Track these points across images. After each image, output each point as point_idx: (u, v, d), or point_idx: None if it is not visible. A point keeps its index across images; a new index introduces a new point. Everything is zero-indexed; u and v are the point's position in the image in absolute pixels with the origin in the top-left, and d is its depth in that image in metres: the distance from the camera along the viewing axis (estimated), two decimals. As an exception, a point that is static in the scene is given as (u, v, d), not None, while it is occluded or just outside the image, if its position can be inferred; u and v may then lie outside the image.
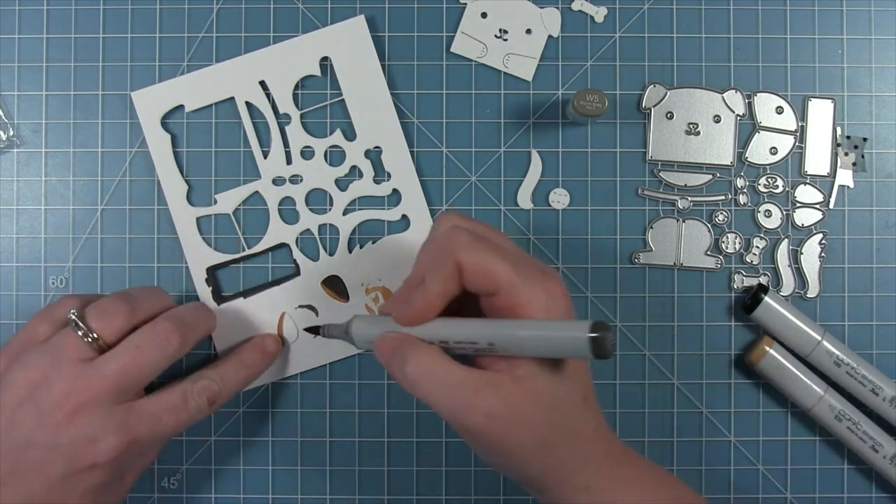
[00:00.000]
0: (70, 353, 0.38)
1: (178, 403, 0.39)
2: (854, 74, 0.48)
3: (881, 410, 0.45)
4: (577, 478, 0.35)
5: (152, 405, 0.39)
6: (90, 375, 0.37)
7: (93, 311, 0.39)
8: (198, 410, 0.40)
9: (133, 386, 0.38)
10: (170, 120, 0.47)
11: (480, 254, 0.33)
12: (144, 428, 0.38)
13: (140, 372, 0.38)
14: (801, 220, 0.47)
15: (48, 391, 0.37)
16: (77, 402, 0.37)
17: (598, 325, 0.30)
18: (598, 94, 0.44)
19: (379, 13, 0.47)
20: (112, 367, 0.38)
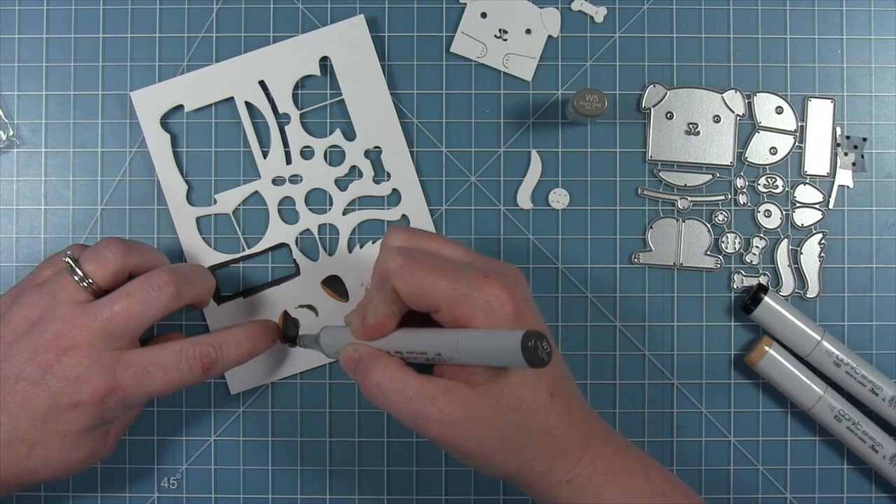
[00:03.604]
0: (66, 294, 0.38)
1: (170, 362, 0.39)
2: (854, 74, 0.48)
3: (881, 410, 0.45)
4: (555, 472, 0.35)
5: (144, 357, 0.39)
6: (83, 318, 0.38)
7: (88, 254, 0.40)
8: (189, 374, 0.39)
9: (124, 332, 0.38)
10: (169, 120, 0.47)
11: (413, 278, 0.34)
12: (131, 378, 0.38)
13: (131, 319, 0.38)
14: (801, 220, 0.47)
15: (43, 329, 0.38)
16: (68, 343, 0.37)
17: (529, 335, 0.30)
18: (597, 94, 0.44)
19: (379, 13, 0.47)
20: (105, 311, 0.38)
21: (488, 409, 0.34)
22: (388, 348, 0.36)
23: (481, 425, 0.34)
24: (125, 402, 0.39)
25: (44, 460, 0.38)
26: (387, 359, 0.36)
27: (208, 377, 0.40)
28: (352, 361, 0.37)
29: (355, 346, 0.37)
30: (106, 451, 0.41)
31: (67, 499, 0.47)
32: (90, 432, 0.39)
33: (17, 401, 0.37)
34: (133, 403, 0.39)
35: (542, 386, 0.35)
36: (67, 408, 0.37)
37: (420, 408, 0.34)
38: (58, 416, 0.37)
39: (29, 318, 0.38)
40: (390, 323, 0.36)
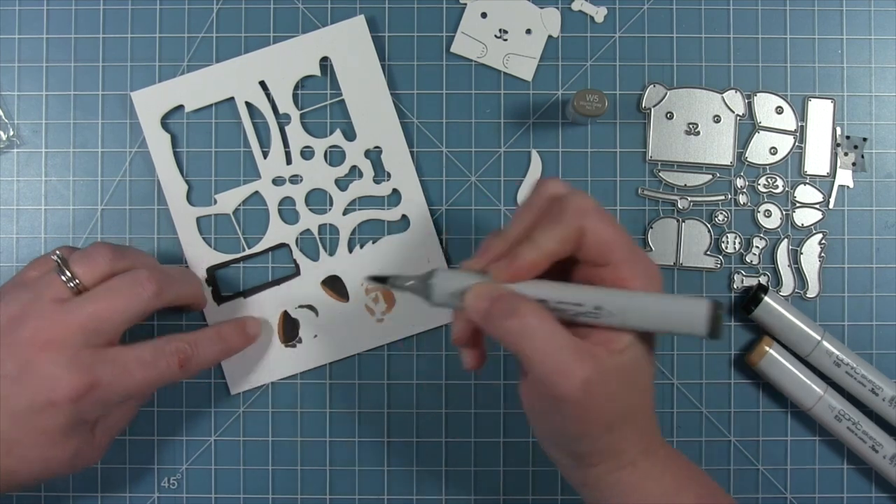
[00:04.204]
0: (50, 293, 0.38)
1: (147, 358, 0.39)
2: (854, 74, 0.48)
3: (881, 410, 0.45)
4: (627, 454, 0.35)
5: (121, 354, 0.39)
6: (63, 315, 0.38)
7: (77, 256, 0.40)
8: (167, 369, 0.39)
9: (104, 329, 0.38)
10: (169, 120, 0.47)
11: (605, 224, 0.34)
12: (109, 374, 0.38)
13: (111, 316, 0.38)
14: (801, 220, 0.47)
15: (23, 326, 0.37)
16: (46, 339, 0.37)
17: (717, 305, 0.32)
18: (598, 94, 0.44)
19: (379, 13, 0.47)
20: (85, 308, 0.38)
21: (619, 381, 0.33)
22: (532, 294, 0.34)
23: (610, 395, 0.33)
24: (103, 400, 0.38)
25: (23, 460, 0.37)
26: (536, 303, 0.33)
27: (186, 374, 0.41)
28: (485, 301, 0.33)
29: (491, 285, 0.34)
30: (93, 454, 0.40)
31: (68, 499, 0.47)
32: (70, 432, 0.38)
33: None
34: (112, 402, 0.39)
35: (652, 369, 0.35)
36: (44, 405, 0.37)
37: (566, 362, 0.32)
38: (35, 414, 0.37)
39: (11, 316, 0.38)
40: (546, 264, 0.34)
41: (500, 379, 0.47)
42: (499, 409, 0.47)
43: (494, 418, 0.47)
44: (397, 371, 0.47)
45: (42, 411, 0.37)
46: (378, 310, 0.47)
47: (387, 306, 0.47)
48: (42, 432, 0.37)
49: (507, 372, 0.47)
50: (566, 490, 0.47)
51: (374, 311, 0.47)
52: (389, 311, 0.47)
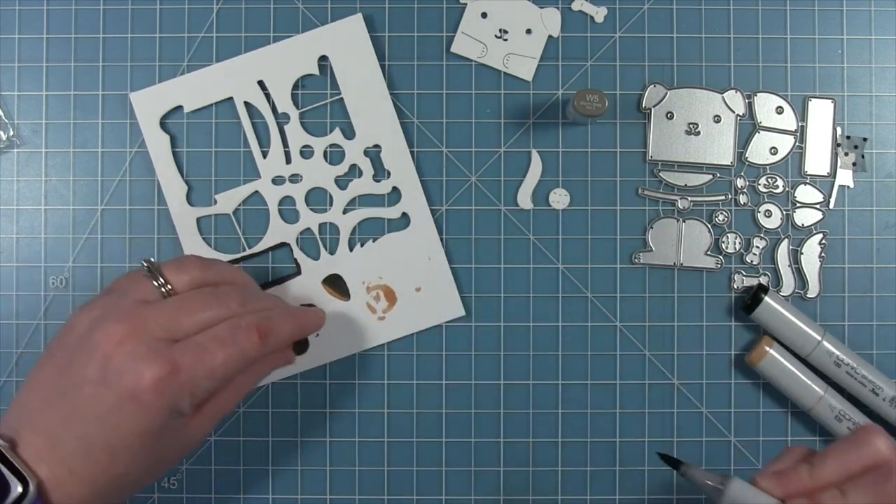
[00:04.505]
0: (136, 294, 0.38)
1: (224, 335, 0.37)
2: (854, 74, 0.48)
3: (881, 410, 0.45)
4: None
5: (198, 337, 0.37)
6: (144, 310, 0.37)
7: (167, 263, 0.39)
8: (248, 343, 0.37)
9: (185, 328, 0.37)
10: (169, 120, 0.47)
11: None
12: (188, 358, 0.36)
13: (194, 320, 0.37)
14: (801, 220, 0.47)
15: (103, 325, 0.36)
16: (124, 332, 0.36)
17: None
18: (598, 94, 0.44)
19: (379, 13, 0.47)
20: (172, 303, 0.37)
21: None
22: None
23: None
24: (189, 385, 0.36)
25: (129, 463, 0.36)
26: None
27: (267, 348, 0.38)
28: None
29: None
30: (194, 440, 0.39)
31: (67, 499, 0.47)
32: (164, 423, 0.36)
33: (85, 407, 0.35)
34: (199, 385, 0.36)
35: None
36: (129, 400, 0.35)
37: None
38: (124, 412, 0.35)
39: (92, 318, 0.37)
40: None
41: (499, 379, 0.47)
42: (499, 410, 0.47)
43: (494, 418, 0.47)
44: (397, 371, 0.47)
45: (130, 409, 0.35)
46: (379, 308, 0.47)
47: (388, 304, 0.47)
48: (136, 430, 0.35)
49: (506, 372, 0.47)
50: (566, 490, 0.47)
51: (375, 309, 0.47)
52: (391, 310, 0.47)
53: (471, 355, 0.47)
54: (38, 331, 0.47)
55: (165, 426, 0.36)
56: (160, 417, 0.36)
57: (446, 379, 0.47)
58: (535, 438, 0.47)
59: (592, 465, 0.47)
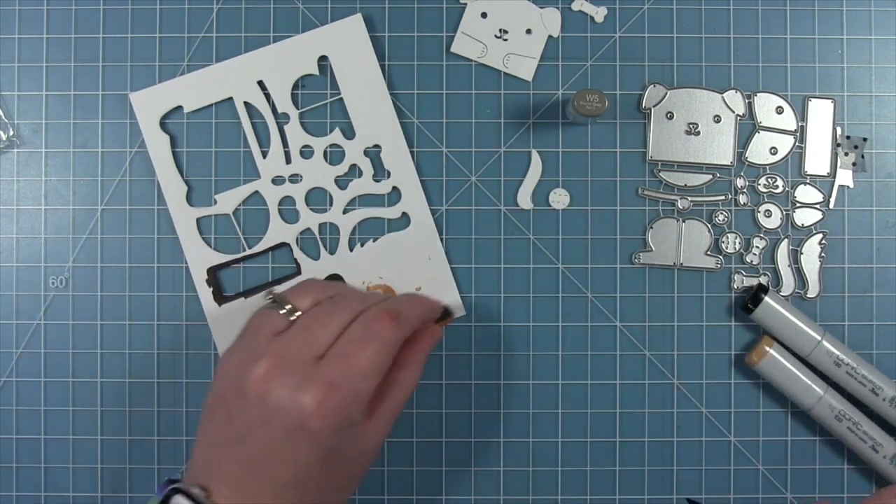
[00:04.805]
0: (268, 328, 0.37)
1: (359, 333, 0.36)
2: (854, 74, 0.48)
3: (881, 410, 0.45)
4: None
5: (336, 346, 0.36)
6: (280, 340, 0.36)
7: (290, 290, 0.39)
8: (384, 330, 0.37)
9: (322, 342, 0.36)
10: (169, 120, 0.47)
11: None
12: (337, 369, 0.35)
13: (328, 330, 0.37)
14: (801, 220, 0.47)
15: (248, 368, 0.35)
16: (269, 367, 0.35)
17: None
18: (598, 94, 0.44)
19: (379, 13, 0.47)
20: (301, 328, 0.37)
21: None
22: None
23: None
24: (351, 397, 0.35)
25: (318, 490, 0.36)
26: None
27: (403, 330, 0.37)
28: None
29: None
30: (374, 445, 0.38)
31: (68, 499, 0.47)
32: (342, 441, 0.36)
33: (259, 450, 0.35)
34: (360, 393, 0.36)
35: None
36: (299, 433, 0.34)
37: None
38: (297, 447, 0.35)
39: (236, 365, 0.36)
40: None
41: (499, 379, 0.47)
42: (498, 410, 0.47)
43: (494, 418, 0.47)
44: (397, 371, 0.47)
45: (303, 441, 0.35)
46: (378, 310, 0.47)
47: (387, 306, 0.47)
48: (314, 457, 0.35)
49: (506, 372, 0.47)
50: (566, 490, 0.47)
51: (374, 310, 0.47)
52: (389, 311, 0.47)
53: (471, 355, 0.47)
54: (38, 331, 0.47)
55: (341, 443, 0.36)
56: (334, 438, 0.35)
57: (446, 379, 0.47)
58: (535, 438, 0.47)
59: (592, 465, 0.47)
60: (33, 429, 0.47)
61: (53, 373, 0.47)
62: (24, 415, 0.47)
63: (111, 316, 0.47)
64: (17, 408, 0.47)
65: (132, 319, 0.47)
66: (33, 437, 0.47)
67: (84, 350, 0.47)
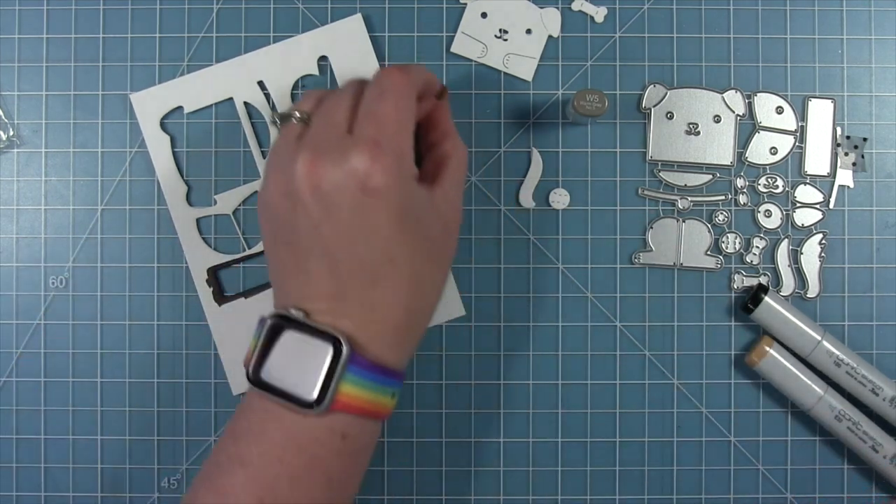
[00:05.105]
0: (288, 139, 0.37)
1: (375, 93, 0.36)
2: (854, 74, 0.48)
3: (881, 410, 0.45)
4: None
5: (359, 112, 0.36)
6: (306, 137, 0.36)
7: (294, 105, 0.39)
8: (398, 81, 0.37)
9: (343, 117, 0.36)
10: (169, 120, 0.47)
11: None
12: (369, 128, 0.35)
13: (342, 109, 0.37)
14: (801, 220, 0.47)
15: (288, 180, 0.35)
16: (309, 159, 0.35)
17: None
18: (598, 94, 0.44)
19: (379, 13, 0.47)
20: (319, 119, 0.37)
21: None
22: None
23: None
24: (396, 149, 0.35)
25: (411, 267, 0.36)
26: None
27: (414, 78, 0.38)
28: None
29: None
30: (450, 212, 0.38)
31: (68, 499, 0.47)
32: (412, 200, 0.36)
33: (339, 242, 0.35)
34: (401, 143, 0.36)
35: None
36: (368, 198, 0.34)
37: None
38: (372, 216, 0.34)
39: (277, 189, 0.36)
40: None
41: (499, 379, 0.47)
42: (498, 410, 0.47)
43: (494, 418, 0.47)
44: (397, 371, 0.47)
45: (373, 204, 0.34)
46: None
47: (387, 306, 0.47)
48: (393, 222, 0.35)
49: (506, 372, 0.47)
50: (566, 490, 0.47)
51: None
52: (389, 311, 0.47)
53: (470, 355, 0.47)
54: (38, 331, 0.47)
55: (413, 204, 0.35)
56: (400, 194, 0.35)
57: (446, 379, 0.47)
58: (535, 438, 0.47)
59: (592, 465, 0.47)
60: (33, 429, 0.47)
61: (53, 373, 0.47)
62: (24, 415, 0.47)
63: (111, 316, 0.47)
64: (17, 408, 0.47)
65: (132, 319, 0.47)
66: (33, 437, 0.47)
67: (84, 350, 0.47)
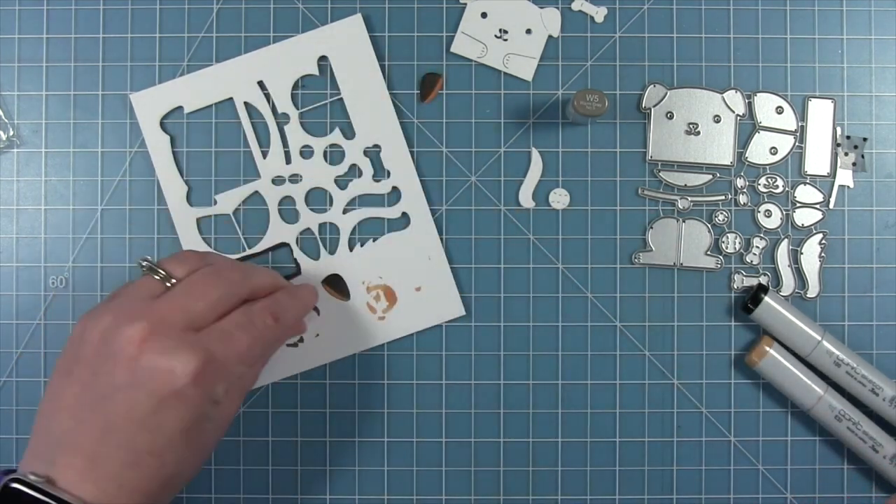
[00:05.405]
0: (140, 291, 0.37)
1: (243, 321, 0.38)
2: (854, 74, 0.48)
3: (881, 410, 0.45)
4: None
5: (219, 324, 0.37)
6: (157, 305, 0.36)
7: (165, 259, 0.39)
8: (265, 326, 0.38)
9: (200, 312, 0.37)
10: (169, 120, 0.47)
11: None
12: (217, 343, 0.36)
13: (206, 296, 0.37)
14: (801, 220, 0.47)
15: (120, 330, 0.35)
16: (145, 331, 0.35)
17: None
18: (598, 94, 0.44)
19: (379, 13, 0.47)
20: (178, 296, 0.37)
21: None
22: None
23: None
24: (222, 373, 0.36)
25: (177, 462, 0.36)
26: None
27: (282, 331, 0.40)
28: None
29: None
30: (227, 422, 0.39)
31: (67, 499, 0.47)
32: (207, 415, 0.36)
33: (121, 416, 0.34)
34: (231, 372, 0.37)
35: None
36: (170, 399, 0.34)
37: None
38: (166, 412, 0.35)
39: (104, 327, 0.36)
40: None
41: (499, 379, 0.47)
42: (499, 410, 0.47)
43: (494, 418, 0.47)
44: (397, 371, 0.47)
45: (171, 406, 0.35)
46: (379, 308, 0.47)
47: (388, 304, 0.47)
48: (180, 426, 0.35)
49: (506, 372, 0.47)
50: (566, 490, 0.47)
51: (375, 309, 0.47)
52: (391, 310, 0.47)
53: (471, 355, 0.47)
54: (38, 331, 0.47)
55: (204, 416, 0.36)
56: (201, 408, 0.35)
57: (446, 379, 0.47)
58: (535, 438, 0.47)
59: (592, 465, 0.47)
60: (33, 429, 0.47)
61: (53, 373, 0.47)
62: (24, 415, 0.47)
63: (111, 316, 0.47)
64: (17, 408, 0.47)
65: (132, 319, 0.47)
66: (33, 437, 0.47)
67: (84, 350, 0.47)
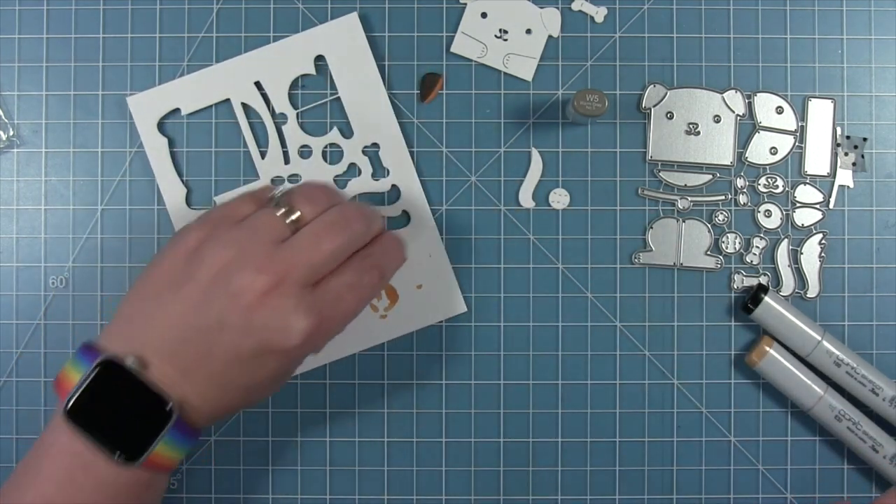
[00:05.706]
0: (266, 232, 0.36)
1: (353, 280, 0.37)
2: (854, 74, 0.48)
3: (881, 410, 0.45)
4: None
5: (332, 284, 0.37)
6: (284, 255, 0.35)
7: (297, 193, 0.38)
8: (371, 287, 0.38)
9: (321, 268, 0.36)
10: (168, 121, 0.47)
11: None
12: (329, 308, 0.36)
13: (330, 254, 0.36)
14: (801, 220, 0.47)
15: (240, 270, 0.35)
16: (269, 284, 0.35)
17: None
18: (598, 94, 0.44)
19: (378, 13, 0.47)
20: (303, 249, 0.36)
21: None
22: None
23: None
24: (329, 335, 0.37)
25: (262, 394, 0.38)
26: None
27: (383, 286, 0.40)
28: None
29: None
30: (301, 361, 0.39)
31: (67, 499, 0.47)
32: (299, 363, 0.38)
33: (225, 351, 0.35)
34: (334, 332, 0.37)
35: None
36: (276, 353, 0.35)
37: None
38: (267, 362, 0.36)
39: (225, 258, 0.35)
40: None
41: (499, 379, 0.47)
42: (499, 410, 0.47)
43: (494, 418, 0.47)
44: (397, 371, 0.47)
45: (274, 359, 0.36)
46: (381, 306, 0.47)
47: (389, 302, 0.47)
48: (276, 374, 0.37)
49: (506, 372, 0.47)
50: (566, 490, 0.47)
51: (377, 307, 0.47)
52: (392, 308, 0.47)
53: (471, 355, 0.47)
54: (38, 331, 0.47)
55: (298, 363, 0.38)
56: (299, 361, 0.38)
57: (446, 379, 0.47)
58: (535, 438, 0.47)
59: (592, 465, 0.47)
60: (33, 429, 0.47)
61: (53, 373, 0.47)
62: (24, 415, 0.47)
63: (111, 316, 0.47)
64: (17, 408, 0.47)
65: (132, 319, 0.47)
66: (33, 437, 0.47)
67: (84, 350, 0.47)
